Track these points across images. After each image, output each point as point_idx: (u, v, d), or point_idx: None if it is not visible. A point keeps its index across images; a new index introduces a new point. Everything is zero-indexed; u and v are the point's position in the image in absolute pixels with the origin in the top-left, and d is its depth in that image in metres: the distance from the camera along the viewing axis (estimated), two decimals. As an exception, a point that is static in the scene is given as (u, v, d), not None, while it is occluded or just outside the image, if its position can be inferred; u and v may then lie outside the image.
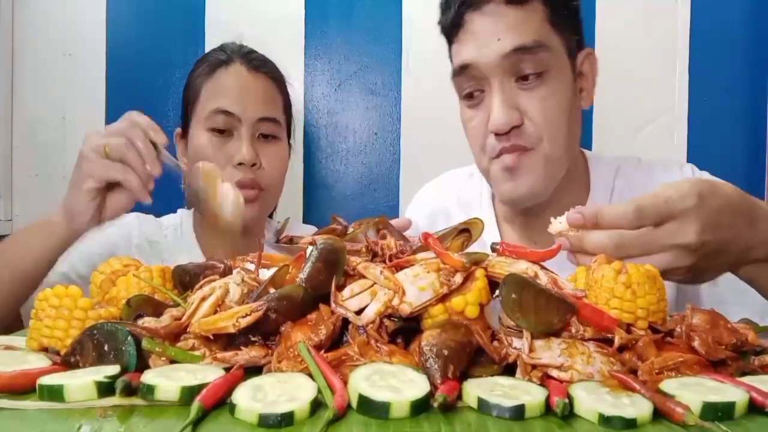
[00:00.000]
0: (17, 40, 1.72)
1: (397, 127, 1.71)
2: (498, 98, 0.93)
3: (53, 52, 1.72)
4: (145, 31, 1.71)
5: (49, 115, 1.72)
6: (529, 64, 0.93)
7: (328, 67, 1.72)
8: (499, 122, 0.93)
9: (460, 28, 0.97)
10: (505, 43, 0.92)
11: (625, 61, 1.66)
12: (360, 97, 1.73)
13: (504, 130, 0.93)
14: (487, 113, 0.96)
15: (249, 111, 1.20)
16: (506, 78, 0.94)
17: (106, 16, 1.71)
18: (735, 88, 1.66)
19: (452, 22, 0.97)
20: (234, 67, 1.23)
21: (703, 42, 1.65)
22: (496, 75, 0.93)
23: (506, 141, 0.94)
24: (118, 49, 1.72)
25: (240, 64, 1.23)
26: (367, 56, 1.71)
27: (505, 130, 0.93)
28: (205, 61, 1.27)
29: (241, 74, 1.23)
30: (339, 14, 1.71)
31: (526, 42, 0.92)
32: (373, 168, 1.73)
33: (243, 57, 1.24)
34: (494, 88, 0.94)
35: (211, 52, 1.29)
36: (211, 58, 1.26)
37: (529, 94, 0.94)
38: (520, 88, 0.94)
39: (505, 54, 0.92)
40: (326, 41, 1.72)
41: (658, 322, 0.59)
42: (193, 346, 0.58)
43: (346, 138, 1.73)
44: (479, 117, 0.98)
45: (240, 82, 1.22)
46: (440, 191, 1.25)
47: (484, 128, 0.97)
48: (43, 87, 1.72)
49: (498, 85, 0.94)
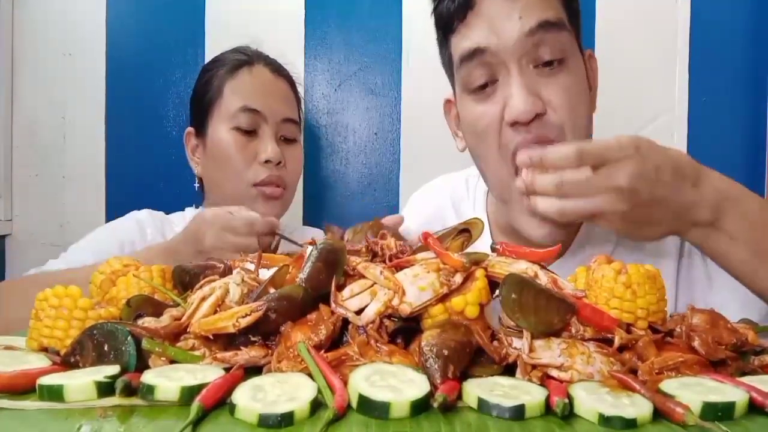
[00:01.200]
0: (17, 40, 1.72)
1: (397, 127, 1.71)
2: (518, 83, 0.84)
3: (53, 52, 1.72)
4: (145, 31, 1.71)
5: (49, 115, 1.72)
6: (551, 47, 0.85)
7: (328, 67, 1.72)
8: (521, 109, 0.83)
9: (468, 11, 0.87)
10: (528, 20, 0.84)
11: (625, 61, 1.66)
12: (360, 97, 1.72)
13: (527, 119, 0.84)
14: (501, 105, 0.86)
15: (274, 110, 1.23)
16: (525, 63, 0.85)
17: (106, 16, 1.71)
18: (735, 88, 1.66)
19: (461, 4, 0.87)
20: (258, 68, 1.26)
21: (703, 42, 1.65)
22: (515, 59, 0.85)
23: (527, 132, 0.85)
24: (118, 49, 1.71)
25: (263, 66, 1.27)
26: (367, 56, 1.71)
27: (529, 118, 0.83)
28: (221, 61, 1.28)
29: (265, 75, 1.26)
30: (339, 14, 1.71)
31: (550, 17, 0.85)
32: (373, 168, 1.73)
33: (265, 59, 1.28)
34: (513, 74, 0.85)
35: (227, 54, 1.31)
36: (231, 59, 1.27)
37: (551, 81, 0.86)
38: (539, 75, 0.86)
39: (530, 30, 0.83)
40: (326, 41, 1.72)
41: (658, 322, 0.59)
42: (193, 346, 0.58)
43: (346, 138, 1.73)
44: (492, 111, 0.88)
45: (264, 82, 1.25)
46: (434, 196, 1.21)
47: (498, 123, 0.87)
48: (43, 87, 1.72)
49: (517, 69, 0.85)
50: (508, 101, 0.85)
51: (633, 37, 1.66)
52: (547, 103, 0.85)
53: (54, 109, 1.72)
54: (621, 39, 1.66)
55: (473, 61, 0.87)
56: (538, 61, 0.86)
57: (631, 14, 1.66)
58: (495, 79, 0.87)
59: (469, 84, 0.90)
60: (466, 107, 0.93)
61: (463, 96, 0.93)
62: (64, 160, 1.72)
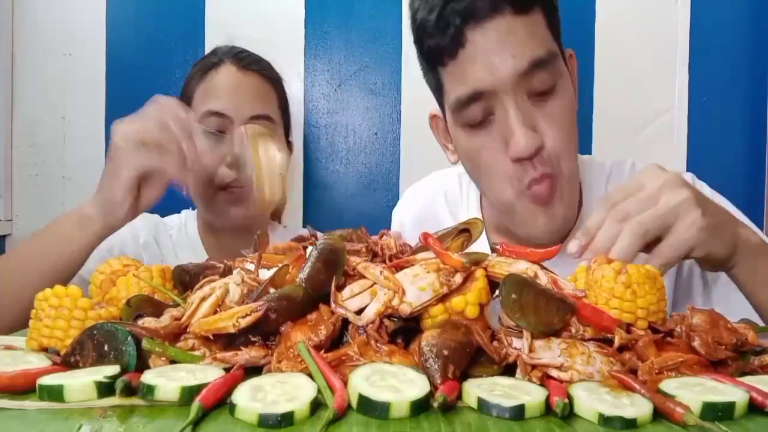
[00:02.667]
0: (17, 40, 1.72)
1: (397, 127, 1.71)
2: (516, 120, 0.85)
3: (53, 52, 1.72)
4: (145, 31, 1.71)
5: (49, 115, 1.72)
6: (544, 79, 0.86)
7: (328, 67, 1.72)
8: (522, 146, 0.84)
9: (459, 48, 0.85)
10: (521, 59, 0.83)
11: (625, 61, 1.66)
12: (360, 97, 1.72)
13: (529, 154, 0.85)
14: (500, 139, 0.87)
15: (240, 110, 1.20)
16: (519, 96, 0.85)
17: (106, 16, 1.71)
18: (735, 88, 1.67)
19: (451, 42, 0.85)
20: (224, 68, 1.24)
21: (703, 42, 1.65)
22: (510, 95, 0.85)
23: (532, 168, 0.86)
24: (118, 49, 1.72)
25: (230, 65, 1.24)
26: (367, 56, 1.71)
27: (531, 153, 0.85)
28: (198, 65, 1.28)
29: (231, 74, 1.24)
30: (339, 14, 1.71)
31: (542, 54, 0.85)
32: (373, 168, 1.73)
33: (234, 57, 1.25)
34: (510, 110, 0.85)
35: (205, 57, 1.31)
36: (204, 62, 1.27)
37: (544, 111, 0.87)
38: (533, 104, 0.87)
39: (523, 71, 0.84)
40: (326, 41, 1.72)
41: (658, 322, 0.59)
42: (193, 346, 0.58)
43: (346, 138, 1.73)
44: (492, 145, 0.88)
45: (231, 82, 1.23)
46: (428, 192, 1.21)
47: (501, 155, 0.88)
48: (43, 87, 1.72)
49: (513, 105, 0.85)
50: (509, 138, 0.86)
51: (633, 37, 1.66)
52: (543, 135, 0.86)
53: (54, 109, 1.72)
54: (621, 39, 1.66)
55: (471, 103, 0.87)
56: (532, 92, 0.86)
57: (631, 14, 1.67)
58: (491, 113, 0.88)
59: (467, 121, 0.90)
60: (461, 138, 0.93)
61: (457, 127, 0.93)
62: (64, 160, 1.72)
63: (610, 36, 1.65)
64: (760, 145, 1.66)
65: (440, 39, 0.86)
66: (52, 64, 1.72)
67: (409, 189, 1.28)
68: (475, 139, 0.90)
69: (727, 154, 1.66)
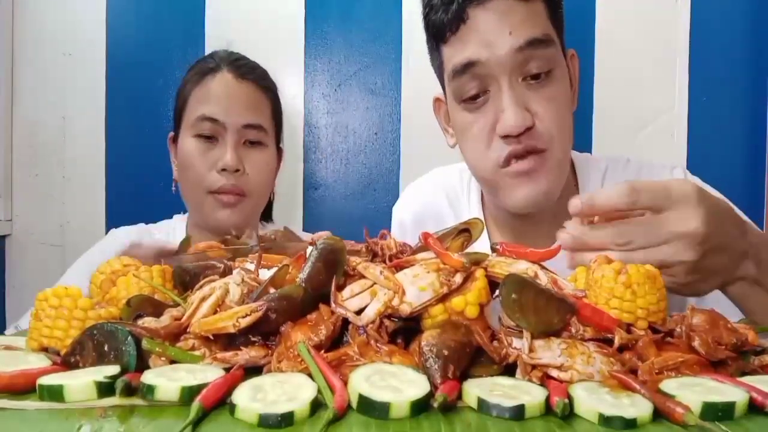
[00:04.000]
0: (17, 40, 1.72)
1: (397, 127, 1.71)
2: (509, 98, 0.89)
3: (53, 52, 1.72)
4: (145, 31, 1.72)
5: (49, 115, 1.72)
6: (539, 62, 0.89)
7: (328, 67, 1.72)
8: (512, 124, 0.88)
9: (461, 24, 0.90)
10: (518, 37, 0.88)
11: (625, 61, 1.66)
12: (360, 97, 1.72)
13: (518, 132, 0.89)
14: (492, 116, 0.91)
15: (234, 118, 1.22)
16: (514, 77, 0.90)
17: (106, 16, 1.71)
18: (735, 88, 1.67)
19: (454, 17, 0.90)
20: (221, 75, 1.25)
21: (703, 42, 1.65)
22: (505, 73, 0.89)
23: (517, 143, 0.90)
24: (118, 49, 1.72)
25: (227, 72, 1.26)
26: (367, 56, 1.71)
27: (519, 131, 0.89)
28: (195, 68, 1.29)
29: (227, 82, 1.25)
30: (339, 14, 1.71)
31: (538, 35, 0.89)
32: (373, 168, 1.73)
33: (230, 64, 1.27)
34: (504, 88, 0.89)
35: (201, 60, 1.32)
36: (201, 66, 1.28)
37: (538, 93, 0.90)
38: (527, 88, 0.90)
39: (519, 47, 0.88)
40: (326, 41, 1.72)
41: (658, 322, 0.59)
42: (193, 346, 0.58)
43: (346, 138, 1.73)
44: (483, 120, 0.93)
45: (226, 89, 1.24)
46: (429, 188, 1.23)
47: (488, 133, 0.92)
48: (43, 87, 1.72)
49: (507, 84, 0.89)
50: (499, 115, 0.90)
51: (633, 37, 1.66)
52: (534, 115, 0.90)
53: (54, 109, 1.72)
54: (621, 39, 1.66)
55: (466, 74, 0.91)
56: (527, 74, 0.90)
57: (631, 14, 1.67)
58: (486, 90, 0.92)
59: (461, 94, 0.94)
60: (458, 114, 0.97)
61: (455, 104, 0.97)
62: (64, 160, 1.72)
63: (610, 36, 1.65)
64: (760, 145, 1.66)
65: (444, 14, 0.92)
66: (52, 64, 1.72)
67: (410, 185, 1.29)
68: (468, 114, 0.95)
69: (727, 154, 1.66)
